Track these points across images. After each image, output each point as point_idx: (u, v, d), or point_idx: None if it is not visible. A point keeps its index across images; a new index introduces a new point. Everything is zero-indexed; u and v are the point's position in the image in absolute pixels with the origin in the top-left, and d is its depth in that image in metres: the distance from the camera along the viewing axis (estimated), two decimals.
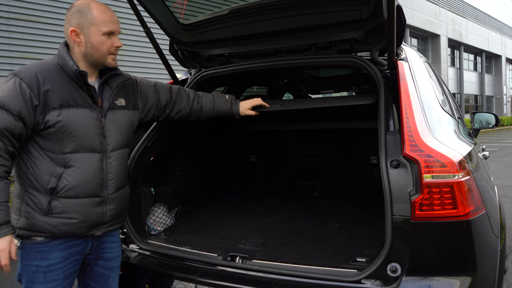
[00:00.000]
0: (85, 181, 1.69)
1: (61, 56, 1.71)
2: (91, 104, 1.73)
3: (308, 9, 2.21)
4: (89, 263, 1.87)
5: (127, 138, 1.91)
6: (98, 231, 1.79)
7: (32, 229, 1.66)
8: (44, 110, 1.62)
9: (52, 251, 1.69)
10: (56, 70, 1.68)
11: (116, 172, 1.81)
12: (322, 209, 3.20)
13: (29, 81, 1.61)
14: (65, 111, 1.65)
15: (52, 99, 1.63)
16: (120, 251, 1.99)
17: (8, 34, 7.28)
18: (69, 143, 1.66)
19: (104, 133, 1.77)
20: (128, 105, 1.93)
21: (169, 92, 2.20)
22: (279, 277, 1.89)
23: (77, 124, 1.67)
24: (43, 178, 1.65)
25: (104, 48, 1.73)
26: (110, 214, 1.80)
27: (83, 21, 1.70)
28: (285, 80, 4.21)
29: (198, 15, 2.50)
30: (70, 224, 1.68)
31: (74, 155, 1.68)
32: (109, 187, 1.78)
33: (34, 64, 1.69)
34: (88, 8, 1.71)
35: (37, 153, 1.66)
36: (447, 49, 29.55)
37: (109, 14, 1.75)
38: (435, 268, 1.67)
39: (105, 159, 1.77)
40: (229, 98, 2.42)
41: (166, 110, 2.19)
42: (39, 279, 1.68)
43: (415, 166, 1.67)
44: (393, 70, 2.11)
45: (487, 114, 3.96)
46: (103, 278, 1.91)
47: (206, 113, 2.35)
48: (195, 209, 3.09)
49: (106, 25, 1.72)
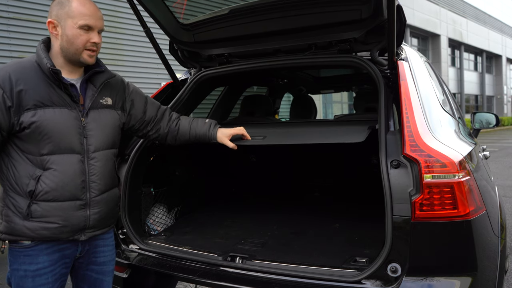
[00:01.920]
0: (63, 184, 1.62)
1: (38, 54, 1.66)
2: (69, 103, 1.65)
3: (308, 9, 2.21)
4: (80, 267, 1.81)
5: (113, 138, 1.83)
6: (83, 235, 1.71)
7: (12, 233, 1.62)
8: (18, 111, 1.57)
9: (40, 255, 1.64)
10: (33, 69, 1.63)
11: (100, 174, 1.73)
12: (322, 209, 3.20)
13: (1, 82, 1.55)
14: (40, 111, 1.59)
15: (26, 100, 1.57)
16: (114, 254, 1.94)
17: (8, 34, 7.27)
18: (46, 144, 1.60)
19: (85, 133, 1.69)
20: (115, 104, 1.85)
21: (156, 110, 2.07)
22: (279, 277, 1.88)
23: (52, 124, 1.60)
24: (22, 181, 1.60)
25: (79, 42, 1.64)
26: (94, 218, 1.72)
27: (61, 12, 1.63)
28: (285, 80, 4.20)
29: (198, 15, 2.50)
30: (50, 228, 1.62)
31: (51, 157, 1.61)
32: (92, 190, 1.70)
33: (10, 64, 1.64)
34: (68, 0, 1.64)
35: (17, 156, 1.62)
36: (447, 49, 29.55)
37: (90, 8, 1.66)
38: (436, 269, 1.67)
39: (86, 160, 1.68)
40: (209, 121, 2.19)
41: (147, 126, 2.04)
42: (27, 283, 1.64)
43: (415, 166, 1.67)
44: (393, 70, 2.11)
45: (487, 114, 3.95)
46: (97, 283, 1.86)
47: (182, 135, 2.14)
48: (195, 209, 3.09)
49: (83, 18, 1.63)
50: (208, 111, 3.85)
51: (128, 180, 2.28)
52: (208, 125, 2.16)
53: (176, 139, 2.15)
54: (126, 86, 1.96)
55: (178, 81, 2.81)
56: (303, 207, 3.27)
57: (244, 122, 3.25)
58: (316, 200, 3.52)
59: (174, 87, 2.82)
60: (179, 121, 2.15)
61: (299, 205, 3.34)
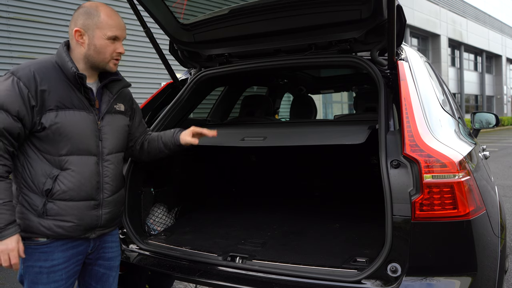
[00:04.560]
0: (80, 184, 1.68)
1: (60, 56, 1.69)
2: (87, 107, 1.71)
3: (308, 9, 2.21)
4: (89, 263, 1.86)
5: (123, 142, 1.91)
6: (93, 234, 1.77)
7: (26, 230, 1.65)
8: (41, 111, 1.61)
9: (55, 252, 1.69)
10: (54, 70, 1.67)
11: (113, 175, 1.80)
12: (322, 209, 3.20)
13: (27, 80, 1.59)
14: (61, 113, 1.63)
15: (48, 100, 1.61)
16: (119, 250, 1.99)
17: (8, 34, 7.27)
18: (65, 145, 1.65)
19: (101, 136, 1.75)
20: (126, 111, 1.93)
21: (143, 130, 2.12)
22: (279, 277, 1.89)
23: (73, 126, 1.65)
24: (39, 179, 1.64)
25: (107, 52, 1.72)
26: (106, 217, 1.79)
27: (89, 22, 1.69)
28: (285, 80, 4.20)
29: (198, 15, 2.50)
30: (64, 227, 1.67)
31: (70, 158, 1.66)
32: (105, 191, 1.76)
33: (32, 62, 1.67)
34: (96, 10, 1.70)
35: (33, 154, 1.65)
36: (447, 49, 29.55)
37: (116, 19, 1.74)
38: (436, 268, 1.67)
39: (101, 162, 1.75)
40: (174, 129, 2.18)
41: (130, 142, 2.05)
42: (42, 279, 1.68)
43: (415, 166, 1.67)
44: (393, 70, 2.11)
45: (487, 114, 3.95)
46: (104, 278, 1.91)
47: (153, 147, 2.12)
48: (195, 209, 3.09)
49: (111, 29, 1.71)
50: (208, 111, 3.85)
51: (128, 180, 2.28)
52: (173, 131, 2.15)
53: (149, 152, 2.13)
54: (132, 98, 2.03)
55: (178, 81, 2.81)
56: (303, 207, 3.26)
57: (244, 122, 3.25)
58: (316, 200, 3.52)
59: (174, 87, 2.82)
60: (149, 135, 2.15)
61: (299, 205, 3.34)
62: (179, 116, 2.67)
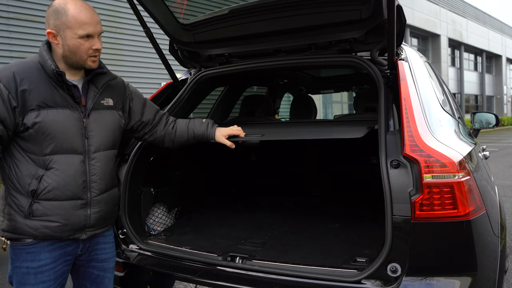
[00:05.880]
0: (65, 183, 1.65)
1: (41, 55, 1.67)
2: (72, 104, 1.68)
3: (308, 9, 2.21)
4: (81, 264, 1.84)
5: (114, 139, 1.85)
6: (84, 234, 1.74)
7: (14, 231, 1.64)
8: (23, 111, 1.58)
9: (42, 252, 1.67)
10: (37, 70, 1.64)
11: (101, 174, 1.76)
12: (322, 209, 3.20)
13: (6, 82, 1.56)
14: (44, 112, 1.61)
15: (30, 100, 1.59)
16: (114, 251, 1.97)
17: (8, 34, 7.28)
18: (49, 144, 1.62)
19: (87, 134, 1.71)
20: (116, 105, 1.88)
21: (154, 113, 2.10)
22: (279, 277, 1.89)
23: (56, 125, 1.62)
24: (24, 180, 1.62)
25: (82, 52, 1.66)
26: (95, 217, 1.75)
27: (59, 23, 1.62)
28: (285, 80, 4.20)
29: (198, 15, 2.50)
30: (51, 227, 1.65)
31: (54, 157, 1.64)
32: (92, 190, 1.73)
33: (14, 64, 1.65)
34: (64, 8, 1.61)
35: (19, 155, 1.64)
36: (447, 49, 29.56)
37: (86, 14, 1.64)
38: (435, 268, 1.67)
39: (87, 161, 1.71)
40: (206, 121, 2.22)
41: (145, 129, 2.06)
42: (29, 280, 1.66)
43: (415, 166, 1.67)
44: (393, 70, 2.11)
45: (487, 114, 3.95)
46: (98, 280, 1.89)
47: (181, 136, 2.15)
48: (195, 209, 3.09)
49: (82, 27, 1.62)
50: (208, 111, 3.85)
51: (128, 180, 2.28)
52: (206, 124, 2.19)
53: (174, 142, 2.17)
54: (126, 87, 1.98)
55: (178, 81, 2.81)
56: (303, 207, 3.26)
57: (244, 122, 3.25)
58: (316, 200, 3.52)
59: (174, 87, 2.82)
60: (176, 123, 2.18)
61: (299, 205, 3.34)
62: (179, 116, 2.66)
